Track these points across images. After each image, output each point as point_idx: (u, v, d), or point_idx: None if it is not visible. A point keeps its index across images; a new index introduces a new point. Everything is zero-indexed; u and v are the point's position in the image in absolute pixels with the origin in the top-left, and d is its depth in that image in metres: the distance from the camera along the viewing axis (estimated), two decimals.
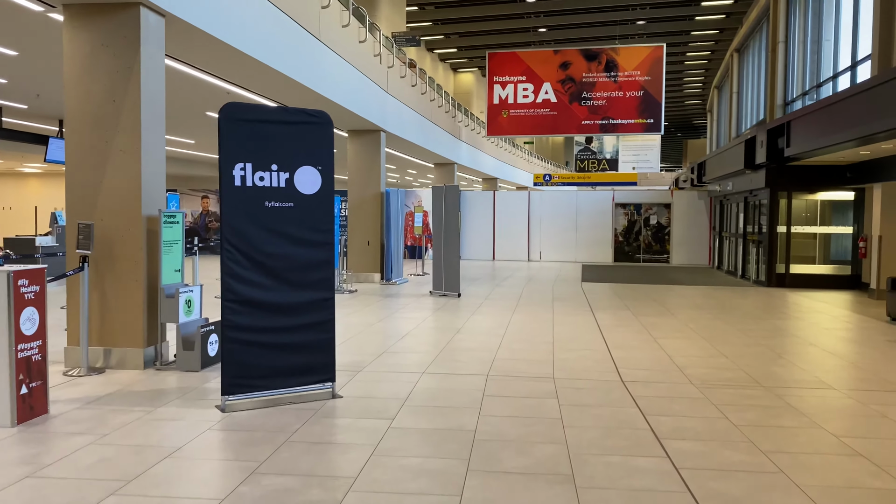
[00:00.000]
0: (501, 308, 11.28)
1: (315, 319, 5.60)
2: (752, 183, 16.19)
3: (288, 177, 5.50)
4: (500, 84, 24.66)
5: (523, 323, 9.69)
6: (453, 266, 12.84)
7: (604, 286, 15.13)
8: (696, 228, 22.78)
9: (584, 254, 23.54)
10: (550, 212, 23.71)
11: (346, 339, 8.35)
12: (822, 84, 16.18)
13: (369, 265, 15.51)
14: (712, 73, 42.04)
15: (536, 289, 14.38)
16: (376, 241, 15.48)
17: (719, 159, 19.18)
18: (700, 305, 11.90)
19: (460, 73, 40.70)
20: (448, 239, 12.92)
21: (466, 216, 24.00)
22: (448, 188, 12.92)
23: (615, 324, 9.69)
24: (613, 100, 23.96)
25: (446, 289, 13.04)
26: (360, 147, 15.51)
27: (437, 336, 8.59)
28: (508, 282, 15.88)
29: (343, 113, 13.56)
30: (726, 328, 9.44)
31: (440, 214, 13.07)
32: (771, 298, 13.16)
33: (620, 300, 12.53)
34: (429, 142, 20.12)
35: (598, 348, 7.87)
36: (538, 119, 24.48)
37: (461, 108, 26.59)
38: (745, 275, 17.51)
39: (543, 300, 12.40)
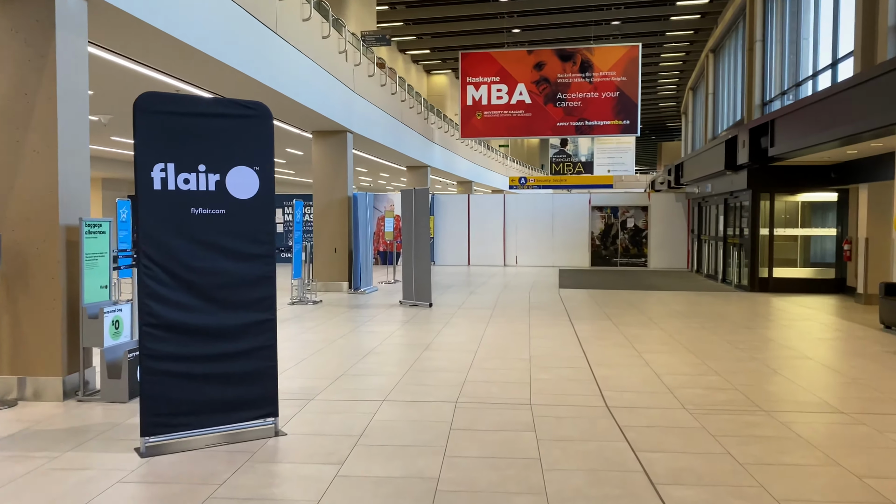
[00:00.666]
0: (475, 319, 10.56)
1: (253, 345, 4.81)
2: (732, 184, 15.69)
3: (219, 179, 4.71)
4: (473, 85, 24.01)
5: (498, 336, 8.97)
6: (424, 274, 12.10)
7: (582, 293, 14.50)
8: (674, 231, 22.32)
9: (560, 258, 22.95)
10: (526, 215, 23.10)
11: (302, 359, 7.56)
12: (802, 83, 15.76)
13: (337, 273, 14.70)
14: (687, 75, 41.91)
15: (512, 296, 13.69)
16: (344, 248, 14.68)
17: (698, 160, 18.70)
18: (683, 313, 11.30)
19: (433, 76, 40.03)
20: (418, 245, 12.18)
21: (440, 220, 23.29)
22: (418, 191, 12.18)
23: (596, 336, 9.02)
24: (589, 101, 23.45)
25: (417, 298, 12.29)
26: (326, 149, 14.72)
27: (404, 354, 7.84)
28: (483, 289, 15.18)
29: (306, 113, 12.76)
30: (714, 339, 8.82)
31: (409, 219, 12.32)
32: (755, 305, 12.62)
33: (600, 308, 11.88)
34: (399, 144, 19.37)
35: (579, 365, 7.17)
36: (512, 120, 23.87)
37: (434, 109, 25.90)
38: (725, 279, 17.02)
39: (519, 309, 11.71)
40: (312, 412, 5.46)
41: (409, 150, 20.74)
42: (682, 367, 7.10)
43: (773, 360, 7.55)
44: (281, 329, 9.63)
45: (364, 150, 18.65)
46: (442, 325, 9.89)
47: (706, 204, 19.46)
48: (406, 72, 35.44)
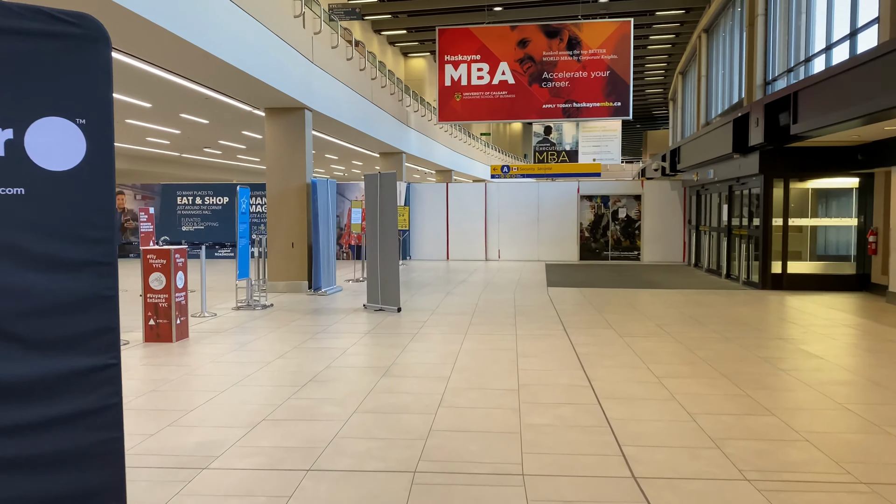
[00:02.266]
0: (450, 329, 8.76)
1: (78, 408, 2.98)
2: (740, 169, 14.03)
3: (11, 137, 2.86)
4: (451, 64, 22.14)
5: (477, 354, 7.19)
6: (391, 273, 10.28)
7: (574, 292, 12.77)
8: (668, 222, 20.69)
9: (547, 252, 21.24)
10: (510, 206, 21.34)
11: (219, 391, 5.73)
12: (813, 57, 14.10)
13: (294, 272, 12.84)
14: (675, 59, 40.33)
15: (495, 298, 11.93)
16: (302, 243, 12.81)
17: (697, 144, 17.03)
18: (696, 318, 9.60)
19: (411, 59, 38.07)
20: (385, 239, 10.35)
21: (417, 211, 21.46)
22: (384, 176, 10.35)
23: (599, 352, 7.27)
24: (577, 81, 21.69)
25: (383, 302, 10.47)
26: (281, 129, 12.81)
27: (355, 383, 6.03)
28: (462, 288, 13.40)
29: (255, 86, 10.86)
30: (745, 356, 7.11)
31: (374, 209, 10.49)
32: (773, 305, 10.96)
33: (597, 312, 10.15)
34: (370, 126, 17.48)
35: (584, 400, 5.42)
36: (495, 102, 22.05)
37: (409, 91, 24.00)
38: (730, 274, 15.39)
39: (503, 315, 9.94)
40: (196, 496, 3.64)
41: (382, 135, 18.87)
42: (721, 403, 5.37)
43: (834, 388, 5.85)
44: (209, 345, 7.78)
45: (328, 131, 16.74)
46: (409, 338, 8.08)
47: (706, 192, 17.82)
48: (382, 54, 33.44)
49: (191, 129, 16.48)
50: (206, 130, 16.80)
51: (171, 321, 8.02)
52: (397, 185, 21.37)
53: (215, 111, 13.84)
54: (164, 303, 8.03)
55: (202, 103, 12.86)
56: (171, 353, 7.38)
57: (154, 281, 8.05)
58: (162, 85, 11.21)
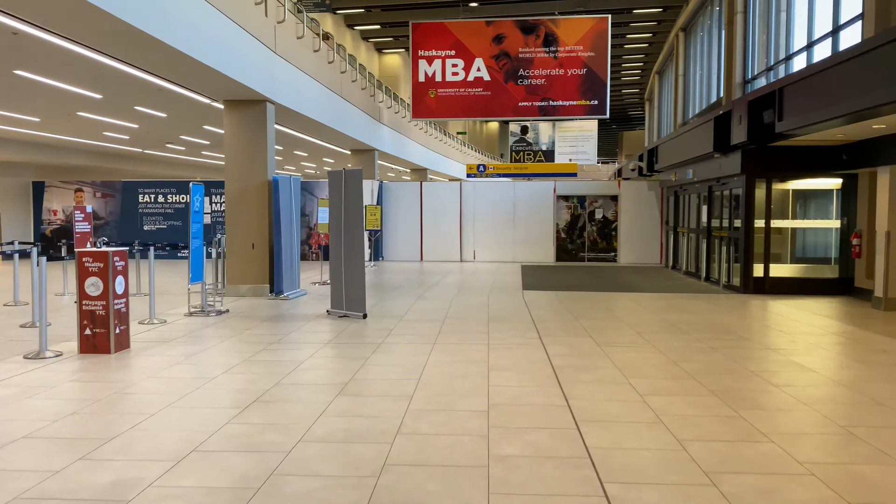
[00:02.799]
0: (418, 338, 8.14)
1: None
2: (720, 169, 13.60)
3: None
4: (425, 59, 21.50)
5: (445, 369, 6.57)
6: (356, 277, 9.62)
7: (550, 295, 12.22)
8: (646, 223, 20.28)
9: (523, 253, 20.70)
10: (485, 206, 20.76)
11: (150, 414, 5.04)
12: (794, 55, 13.73)
13: (255, 274, 12.11)
14: (652, 59, 40.15)
15: (468, 302, 11.32)
16: (263, 244, 12.08)
17: (676, 144, 16.62)
18: (677, 325, 9.09)
19: (386, 55, 37.34)
20: (350, 240, 9.69)
21: (390, 211, 20.79)
22: (349, 173, 9.69)
23: (577, 365, 6.70)
24: (553, 78, 21.19)
25: (348, 307, 9.81)
26: (241, 122, 12.06)
27: (304, 405, 5.37)
28: (434, 292, 12.78)
29: (211, 75, 10.13)
30: (734, 369, 6.59)
31: (338, 208, 9.82)
32: (757, 311, 10.52)
33: (574, 318, 9.60)
34: (339, 122, 16.78)
35: (561, 423, 4.83)
36: (470, 100, 21.46)
37: (383, 87, 23.31)
38: (710, 277, 14.98)
39: (476, 322, 9.33)
40: None
41: (352, 131, 18.17)
42: (713, 426, 4.82)
43: (833, 407, 5.34)
44: (150, 357, 7.06)
45: (294, 126, 15.98)
46: (372, 350, 7.44)
47: (684, 193, 17.42)
48: (355, 49, 32.68)
49: (149, 123, 15.63)
50: (165, 125, 15.96)
51: (110, 330, 7.28)
52: (370, 184, 20.72)
53: (172, 104, 13.05)
54: (102, 310, 7.28)
55: (156, 95, 12.07)
56: (106, 366, 6.65)
57: (90, 287, 7.31)
58: (113, 75, 10.43)
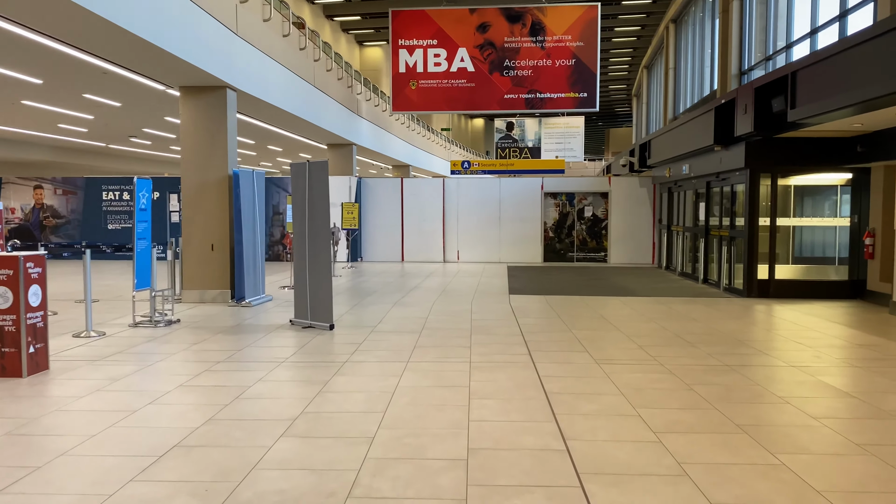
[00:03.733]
0: (390, 354, 7.08)
1: None
2: (721, 163, 12.65)
3: None
4: (406, 49, 20.42)
5: (417, 397, 5.52)
6: (322, 283, 8.54)
7: (539, 301, 11.20)
8: (637, 221, 19.34)
9: (509, 253, 19.69)
10: (470, 203, 19.73)
11: (32, 469, 3.93)
12: (796, 43, 12.82)
13: (215, 279, 10.98)
14: (640, 53, 39.30)
15: (449, 309, 10.27)
16: (224, 245, 10.96)
17: (671, 137, 15.67)
18: (682, 336, 8.10)
19: (367, 48, 36.17)
20: (315, 242, 8.60)
21: (369, 209, 19.69)
22: (314, 165, 8.60)
23: (574, 389, 5.67)
24: (541, 69, 20.18)
25: (313, 317, 8.72)
26: (198, 111, 10.92)
27: (234, 453, 4.29)
28: (414, 296, 11.72)
29: (161, 57, 8.99)
30: (760, 395, 5.59)
31: (302, 206, 8.73)
32: (766, 318, 9.56)
33: (567, 328, 8.58)
34: (312, 113, 15.66)
35: (559, 479, 3.79)
36: (453, 91, 20.41)
37: (361, 78, 22.18)
38: (708, 279, 14.04)
39: (457, 334, 8.28)
40: None
41: (328, 123, 17.05)
42: (753, 481, 3.79)
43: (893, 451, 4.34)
44: (69, 381, 5.93)
45: (261, 116, 14.81)
46: (334, 371, 6.36)
47: (679, 189, 16.48)
48: (335, 42, 31.49)
49: (105, 115, 14.42)
50: (123, 115, 14.75)
51: (22, 350, 6.15)
52: (347, 181, 19.62)
53: (123, 91, 11.87)
54: (12, 326, 6.15)
55: (102, 80, 10.90)
56: (10, 394, 5.52)
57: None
58: (48, 56, 9.26)
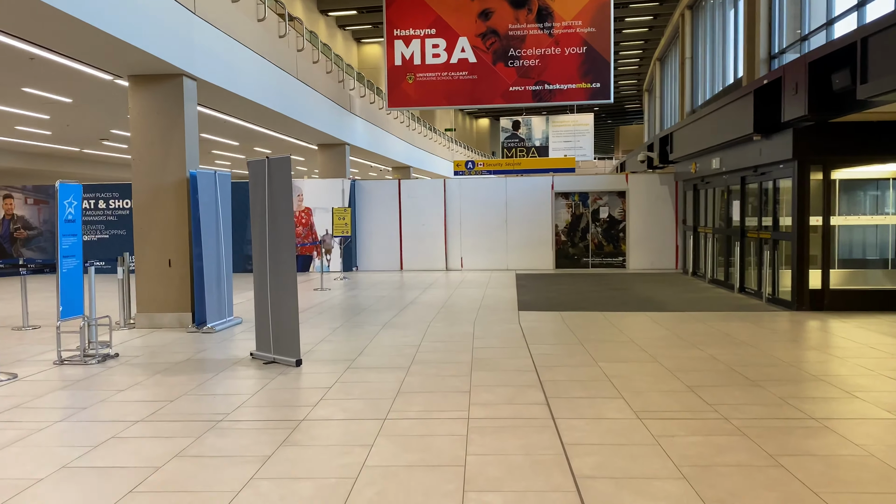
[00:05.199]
0: (362, 407, 5.42)
1: None
2: (761, 155, 10.94)
3: None
4: (402, 39, 18.79)
5: (389, 486, 3.85)
6: (286, 308, 6.88)
7: (553, 319, 9.52)
8: (658, 222, 17.62)
9: (517, 259, 18.01)
10: (473, 206, 18.07)
11: None
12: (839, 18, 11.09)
13: (173, 300, 9.36)
14: (651, 48, 37.56)
15: (447, 333, 8.61)
16: (184, 260, 9.35)
17: (698, 129, 13.98)
18: (738, 368, 6.40)
19: (365, 45, 34.60)
20: (276, 257, 6.96)
21: (363, 213, 18.07)
22: (274, 162, 6.96)
23: (615, 470, 3.99)
24: (549, 59, 18.51)
25: (276, 350, 7.07)
26: (150, 103, 9.32)
27: None
28: (407, 315, 10.06)
29: (91, 36, 7.39)
30: (877, 470, 3.90)
31: (261, 209, 7.09)
32: (832, 339, 7.84)
33: (592, 360, 6.90)
34: (295, 109, 14.05)
35: None
36: (453, 85, 18.77)
37: (355, 73, 20.57)
38: (744, 288, 12.32)
39: (453, 371, 6.62)
40: None
41: (315, 121, 15.44)
42: None
43: None
44: None
45: (232, 111, 13.15)
46: (282, 438, 4.70)
47: (707, 186, 14.76)
48: (331, 39, 29.94)
49: (61, 114, 12.86)
50: (81, 115, 13.18)
51: None
52: (340, 183, 18.03)
53: (65, 83, 10.31)
54: None
55: (40, 71, 9.33)
56: None
57: None
58: None
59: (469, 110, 59.43)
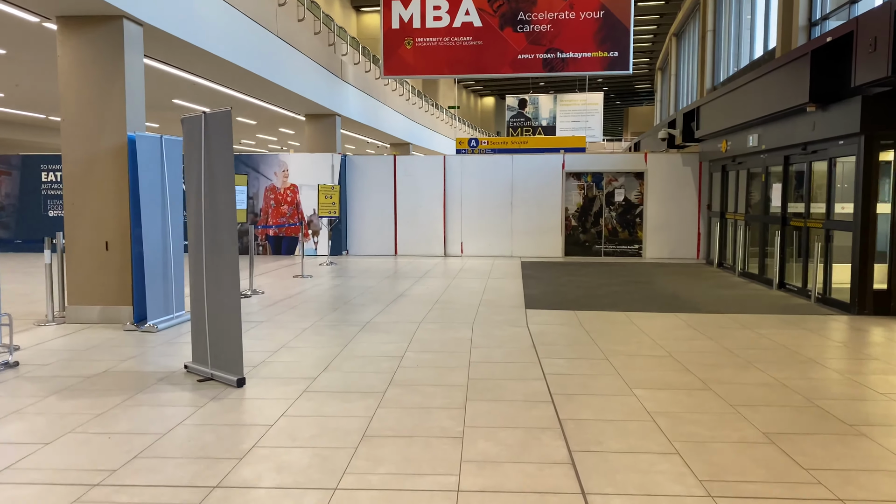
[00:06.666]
0: (307, 464, 3.83)
1: None
2: (815, 130, 9.26)
3: None
4: (400, 0, 17.02)
5: None
6: (225, 309, 5.28)
7: (568, 321, 7.91)
8: (679, 207, 15.97)
9: (523, 245, 16.39)
10: (476, 186, 16.42)
11: None
12: None
13: (112, 290, 7.78)
14: (667, 23, 35.59)
15: (438, 340, 7.01)
16: (125, 242, 7.75)
17: (730, 101, 12.28)
18: (819, 402, 4.81)
19: (365, 14, 32.70)
20: (213, 238, 5.34)
21: (355, 192, 16.43)
22: (211, 118, 5.32)
23: None
24: (562, 24, 16.74)
25: (215, 364, 5.48)
26: (82, 51, 7.66)
27: None
28: (394, 312, 8.46)
29: None
30: None
31: (196, 178, 5.47)
32: None
33: (626, 387, 5.30)
34: (273, 69, 12.35)
35: None
36: (456, 51, 17.02)
37: (348, 37, 18.80)
38: (785, 284, 10.71)
39: (442, 400, 5.02)
40: None
41: (299, 86, 13.75)
42: None
43: None
44: None
45: (194, 68, 11.43)
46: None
47: (738, 167, 13.08)
48: (328, 6, 28.08)
49: (1, 69, 11.19)
50: (22, 69, 11.51)
51: None
52: (328, 158, 16.39)
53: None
54: None
55: None
56: None
57: None
58: None
59: (474, 88, 57.43)
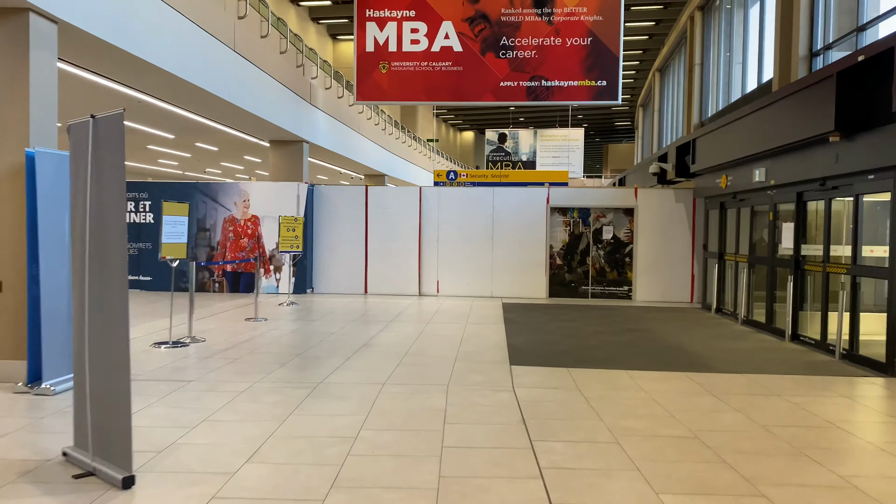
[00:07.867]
0: None
1: None
2: (838, 163, 8.18)
3: None
4: (375, 21, 15.95)
5: None
6: (112, 377, 3.87)
7: (561, 381, 6.59)
8: (671, 246, 14.86)
9: (504, 285, 15.12)
10: (454, 220, 15.19)
11: None
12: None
13: (7, 341, 6.31)
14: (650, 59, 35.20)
15: (403, 410, 5.63)
16: (19, 281, 6.31)
17: (732, 132, 11.27)
18: None
19: (342, 42, 31.76)
20: (98, 278, 3.95)
21: (323, 225, 15.10)
22: (100, 122, 3.98)
23: None
24: (548, 50, 15.77)
25: (97, 450, 4.03)
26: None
27: None
28: (353, 370, 7.07)
29: None
30: None
31: (81, 201, 4.11)
32: None
33: (650, 490, 3.99)
34: (227, 88, 11.07)
35: None
36: (435, 77, 15.93)
37: (318, 60, 17.65)
38: (799, 335, 9.53)
39: (402, 502, 3.64)
40: None
41: (260, 108, 12.48)
42: None
43: None
44: None
45: (134, 82, 10.08)
46: None
47: (739, 204, 12.01)
48: (303, 32, 27.06)
49: None
50: None
51: None
52: (294, 188, 15.07)
53: None
54: None
55: None
56: None
57: None
58: None
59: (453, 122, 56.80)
